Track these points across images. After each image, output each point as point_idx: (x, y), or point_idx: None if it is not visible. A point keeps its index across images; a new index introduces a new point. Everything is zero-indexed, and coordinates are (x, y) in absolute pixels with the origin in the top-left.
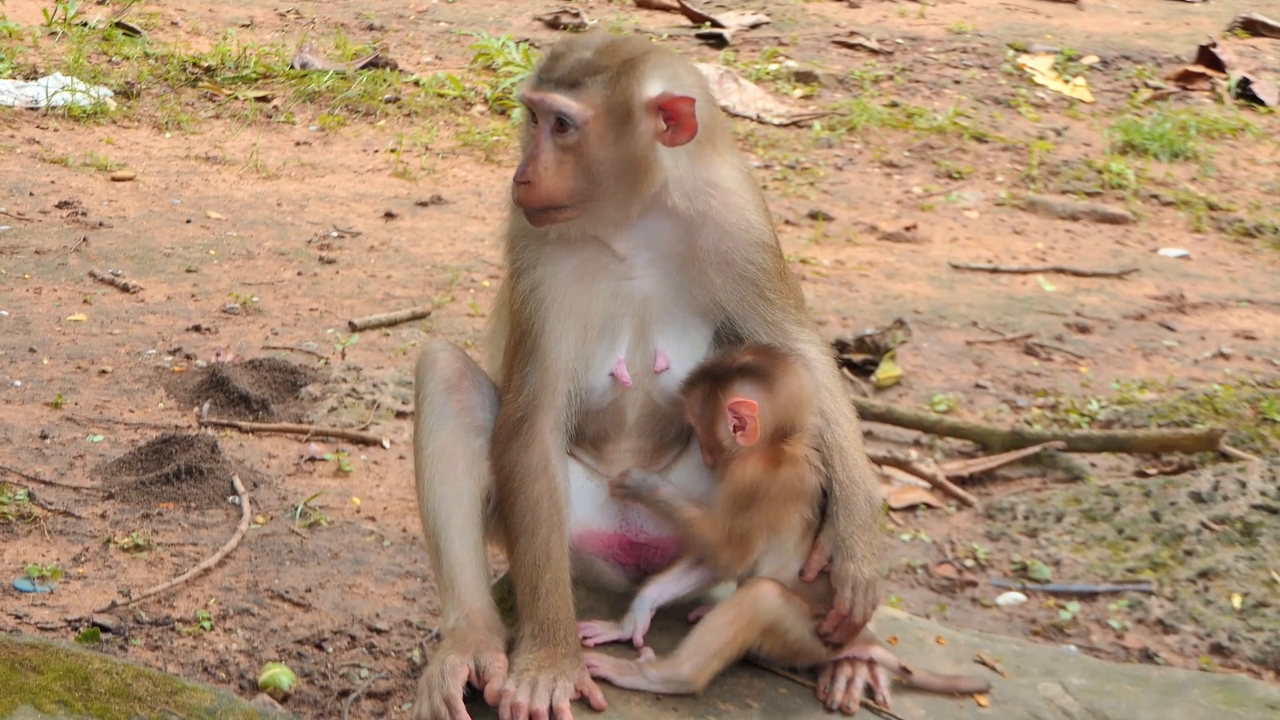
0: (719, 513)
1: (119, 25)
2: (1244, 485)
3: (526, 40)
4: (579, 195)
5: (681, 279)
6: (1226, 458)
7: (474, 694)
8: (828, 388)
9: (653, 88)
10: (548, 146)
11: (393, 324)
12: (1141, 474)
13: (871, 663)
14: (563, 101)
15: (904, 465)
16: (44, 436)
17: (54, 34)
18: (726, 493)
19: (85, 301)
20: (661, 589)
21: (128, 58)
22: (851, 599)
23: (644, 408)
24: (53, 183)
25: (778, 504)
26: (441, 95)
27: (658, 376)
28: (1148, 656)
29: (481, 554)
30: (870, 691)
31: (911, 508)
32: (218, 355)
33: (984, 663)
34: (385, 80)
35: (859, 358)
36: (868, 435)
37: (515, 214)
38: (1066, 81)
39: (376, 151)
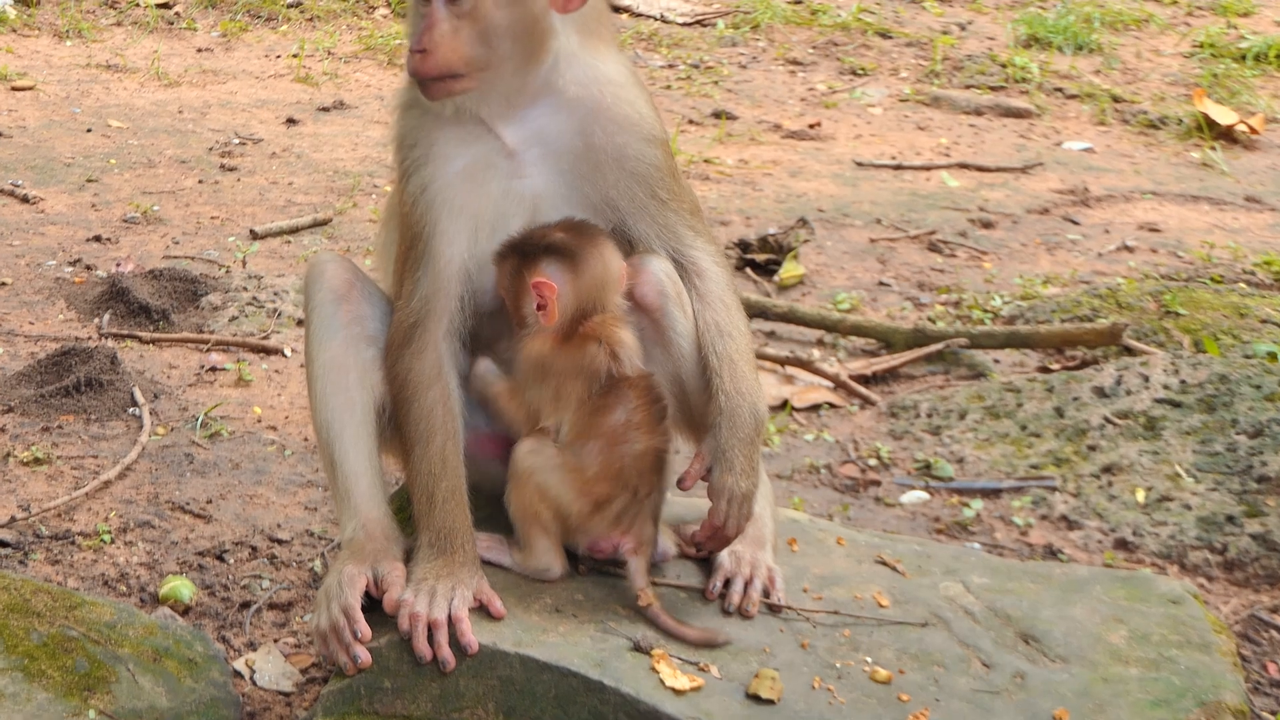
0: (517, 383)
1: None
2: (1147, 379)
3: None
4: (476, 63)
5: (573, 177)
6: (1129, 352)
7: (373, 603)
8: (721, 299)
9: None
10: (442, 15)
11: (294, 231)
12: (1045, 369)
13: (769, 567)
14: None
15: (807, 365)
16: None
17: None
18: (520, 365)
19: None
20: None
21: None
22: (726, 511)
23: None
24: None
25: (561, 379)
26: None
27: None
28: (1052, 553)
29: (376, 464)
30: (765, 592)
31: (814, 407)
32: (118, 265)
33: (885, 563)
34: None
35: (762, 257)
36: (771, 335)
37: (404, 115)
38: None
39: (279, 57)
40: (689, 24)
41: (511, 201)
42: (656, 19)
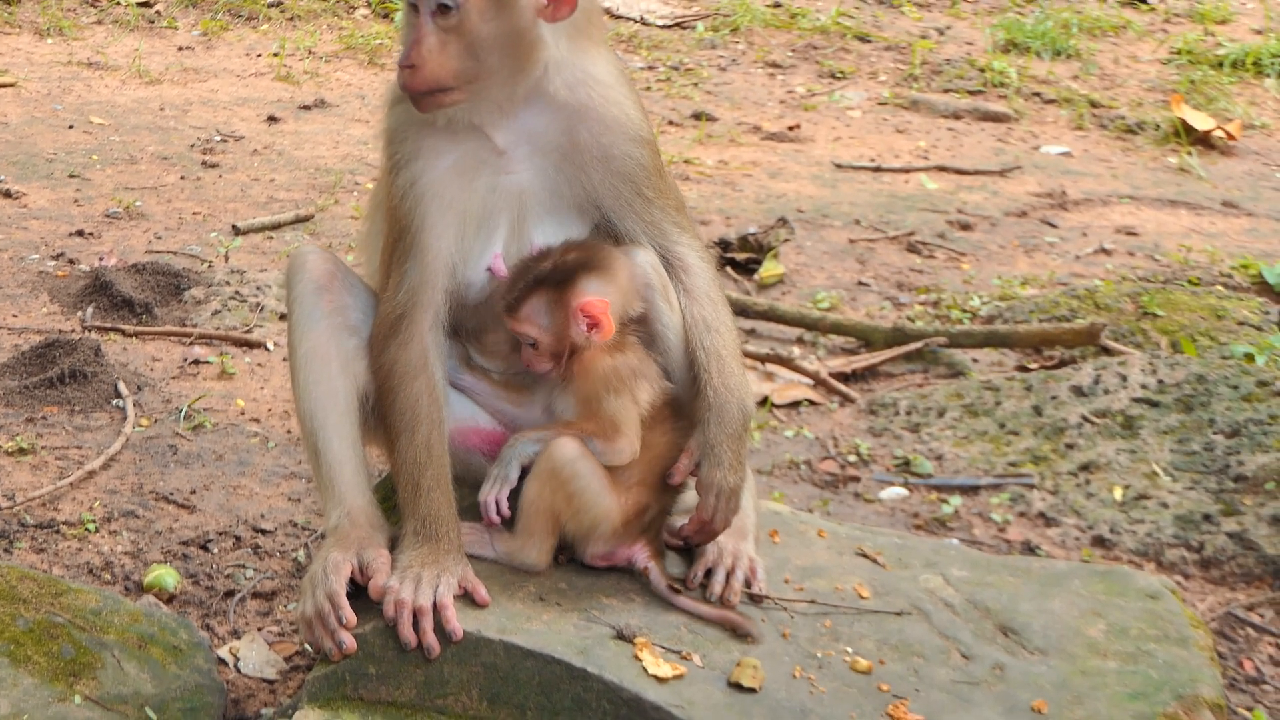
0: (591, 410)
1: None
2: (1124, 379)
3: None
4: (465, 76)
5: (560, 174)
6: (1107, 351)
7: (358, 591)
8: (708, 295)
9: None
10: (430, 29)
11: (276, 227)
12: (1023, 369)
13: (751, 558)
14: None
15: (787, 362)
16: None
17: None
18: (583, 388)
19: None
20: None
21: None
22: (714, 506)
23: None
24: None
25: (635, 381)
26: None
27: None
28: (1029, 549)
29: (360, 452)
30: (747, 583)
31: (794, 404)
32: (101, 259)
33: (865, 555)
34: None
35: (742, 256)
36: (751, 333)
37: (394, 110)
38: None
39: (259, 56)
40: (668, 26)
41: (499, 197)
42: (636, 21)
